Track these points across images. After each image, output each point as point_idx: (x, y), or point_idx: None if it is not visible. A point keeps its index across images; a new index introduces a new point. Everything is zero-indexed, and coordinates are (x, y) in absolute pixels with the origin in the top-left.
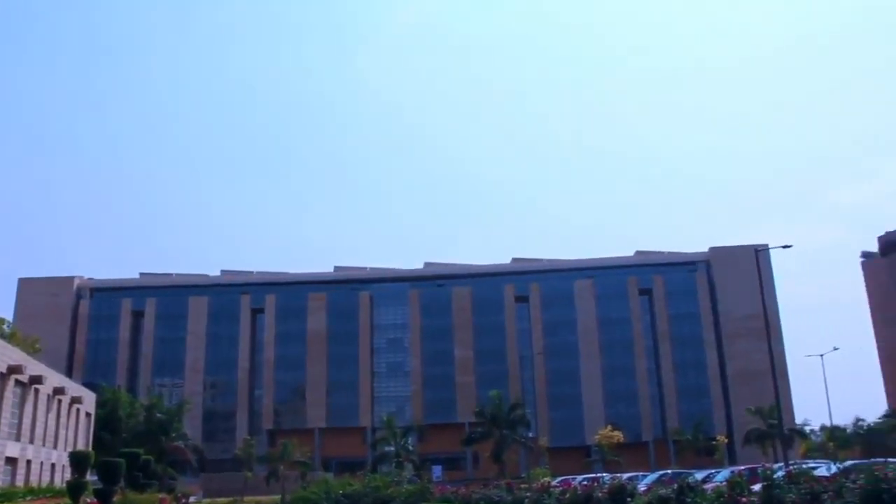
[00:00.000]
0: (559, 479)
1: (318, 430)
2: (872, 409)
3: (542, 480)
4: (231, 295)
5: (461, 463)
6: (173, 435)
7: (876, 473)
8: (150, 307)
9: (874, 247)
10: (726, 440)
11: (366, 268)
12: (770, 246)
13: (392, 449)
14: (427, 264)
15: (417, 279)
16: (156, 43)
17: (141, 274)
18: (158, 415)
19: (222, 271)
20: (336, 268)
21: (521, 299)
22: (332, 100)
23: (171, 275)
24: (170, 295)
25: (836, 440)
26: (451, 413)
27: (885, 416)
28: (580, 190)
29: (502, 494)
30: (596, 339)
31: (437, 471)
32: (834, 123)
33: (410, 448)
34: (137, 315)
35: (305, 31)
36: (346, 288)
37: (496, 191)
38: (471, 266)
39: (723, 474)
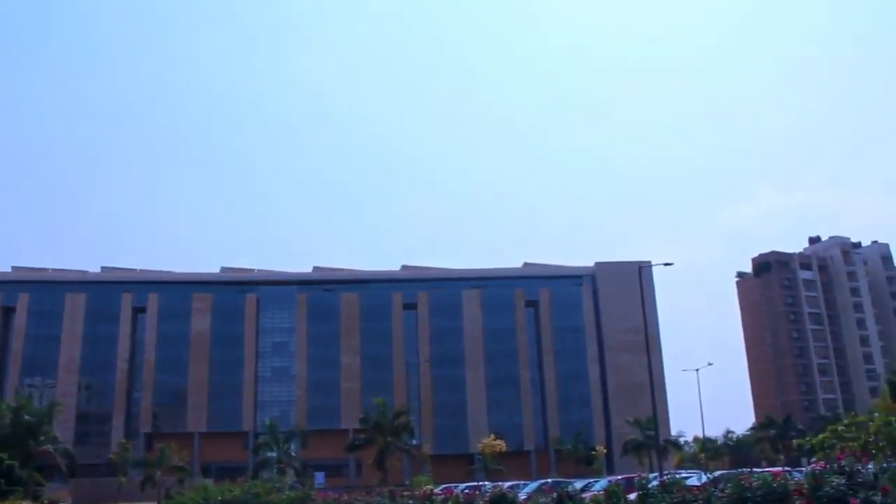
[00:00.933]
0: (442, 486)
1: (198, 435)
2: (742, 421)
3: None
4: (111, 293)
5: (344, 470)
6: (42, 438)
7: (742, 483)
8: (23, 303)
9: (748, 267)
10: (605, 450)
11: (254, 270)
12: (653, 263)
13: (274, 455)
14: (316, 268)
15: (306, 283)
16: (48, 21)
17: (13, 268)
18: (27, 417)
19: (103, 268)
20: (223, 268)
21: (410, 307)
22: (224, 95)
23: (46, 269)
24: (44, 291)
25: (708, 451)
26: (336, 419)
27: (752, 428)
28: (471, 200)
29: (384, 501)
30: (482, 349)
31: (319, 477)
32: (718, 147)
33: (293, 454)
34: (8, 311)
35: (197, 31)
36: (233, 289)
37: (387, 198)
38: (360, 272)
39: (601, 483)
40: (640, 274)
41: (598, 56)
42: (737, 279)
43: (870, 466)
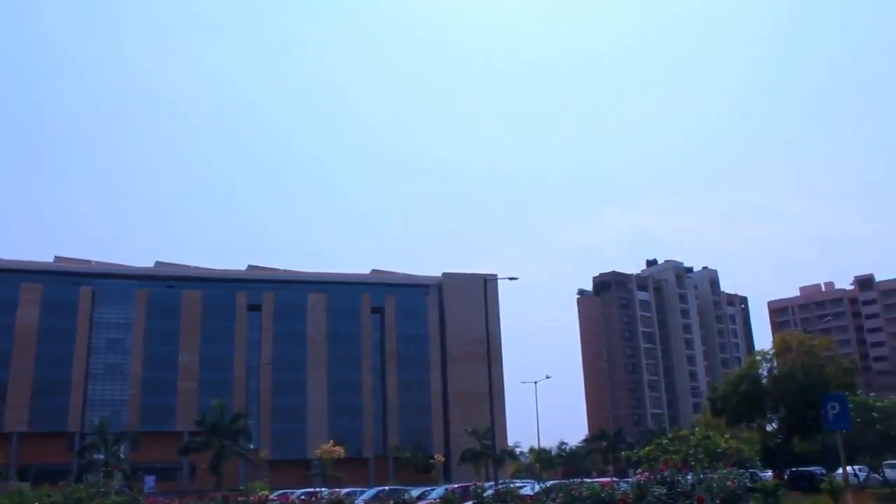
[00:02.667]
0: (278, 492)
1: (17, 435)
2: (577, 433)
3: (259, 493)
4: None
5: (177, 473)
6: None
7: (572, 492)
8: None
9: (590, 285)
10: (444, 459)
11: (90, 261)
12: (499, 276)
13: (102, 457)
14: (158, 264)
15: (146, 278)
16: None
17: None
18: None
19: None
20: (56, 258)
21: (254, 308)
22: (84, 79)
23: None
24: None
25: (542, 461)
26: (171, 420)
27: (585, 440)
28: (323, 204)
29: None
30: (325, 353)
31: (149, 481)
32: (571, 167)
33: (122, 456)
34: None
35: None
36: (66, 281)
37: (235, 195)
38: (205, 269)
39: (437, 492)
40: (485, 286)
41: (458, 68)
42: (578, 296)
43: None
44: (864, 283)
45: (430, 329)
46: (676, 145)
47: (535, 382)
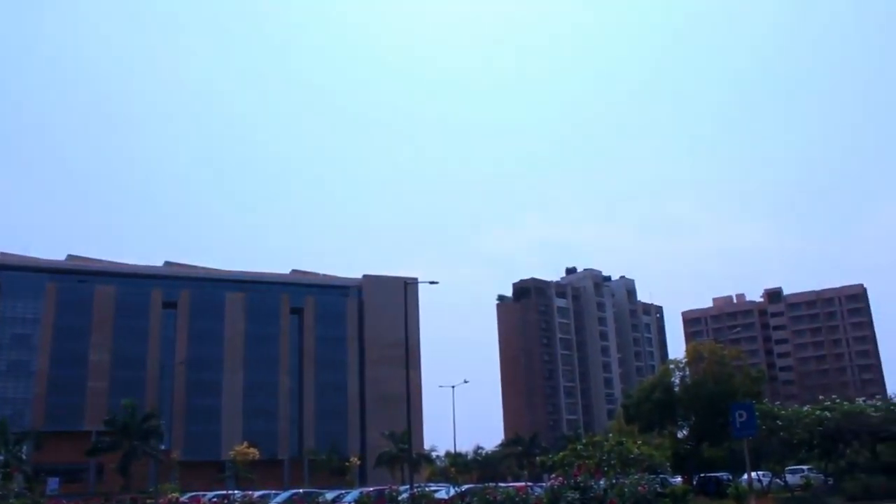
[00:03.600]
0: (189, 494)
1: None
2: (494, 438)
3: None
4: None
5: (83, 475)
6: None
7: (487, 496)
8: None
9: (509, 291)
10: (359, 462)
11: None
12: (419, 280)
13: (1, 458)
14: (70, 257)
15: (57, 272)
16: None
17: None
18: None
19: None
20: None
21: (170, 305)
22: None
23: None
24: None
25: (458, 466)
26: (79, 420)
27: (501, 445)
28: (243, 201)
29: None
30: (242, 354)
31: (52, 483)
32: (494, 174)
33: (24, 457)
34: None
35: None
36: None
37: (154, 188)
38: (118, 264)
39: (352, 495)
40: (405, 289)
41: (382, 69)
42: (497, 302)
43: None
44: (773, 295)
45: (349, 331)
46: (593, 157)
47: (453, 387)
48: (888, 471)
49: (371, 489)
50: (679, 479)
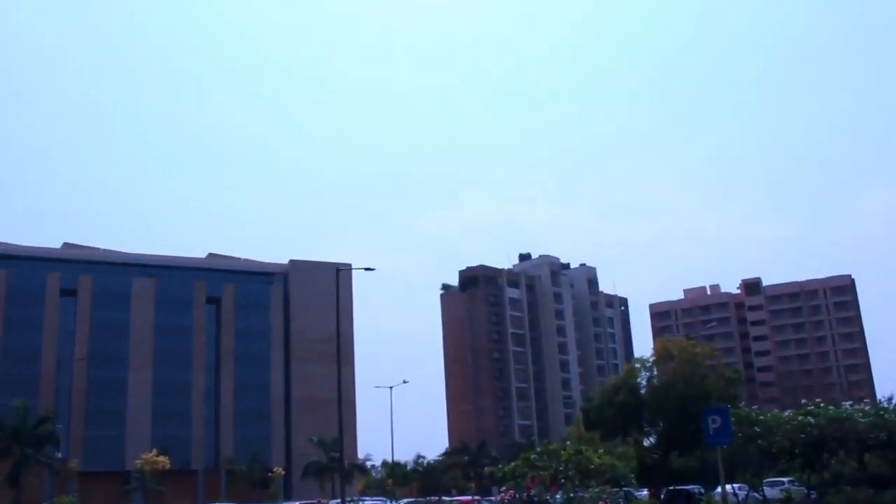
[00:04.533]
0: None
1: None
2: (438, 446)
3: None
4: None
5: None
6: None
7: None
8: None
9: (454, 280)
10: (284, 472)
11: None
12: (353, 266)
13: None
14: None
15: None
16: None
17: None
18: None
19: None
20: None
21: (68, 293)
22: None
23: None
24: None
25: (396, 477)
26: None
27: (444, 454)
28: (153, 177)
29: None
30: (150, 348)
31: None
32: (433, 150)
33: None
34: None
35: None
36: None
37: (51, 162)
38: (10, 245)
39: None
40: (337, 277)
41: (317, 37)
42: (441, 292)
43: (558, 496)
44: (751, 286)
45: (274, 324)
46: (549, 129)
47: (391, 388)
48: (876, 483)
49: (297, 503)
50: (645, 492)
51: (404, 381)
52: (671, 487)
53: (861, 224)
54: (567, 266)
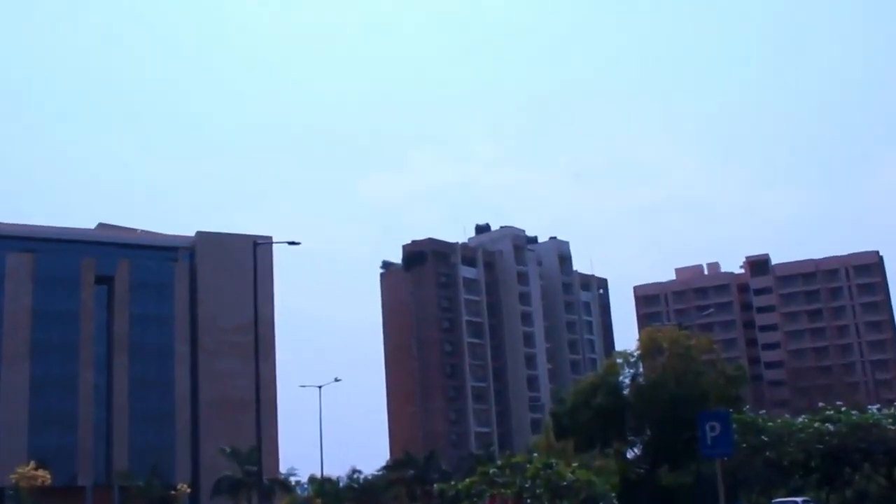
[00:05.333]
0: None
1: None
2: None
3: None
4: None
5: None
6: None
7: None
8: None
9: (398, 256)
10: (189, 489)
11: None
12: (275, 240)
13: None
14: None
15: None
16: None
17: None
18: None
19: None
20: None
21: None
22: None
23: None
24: None
25: (327, 495)
26: None
27: (385, 467)
28: (32, 134)
29: None
30: (27, 338)
31: None
32: (370, 104)
33: None
34: None
35: None
36: None
37: None
38: None
39: None
40: (254, 252)
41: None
42: (382, 271)
43: None
44: (758, 265)
45: (178, 309)
46: (514, 75)
47: (320, 387)
48: None
49: None
50: None
51: (336, 380)
52: None
53: (889, 191)
54: (534, 240)
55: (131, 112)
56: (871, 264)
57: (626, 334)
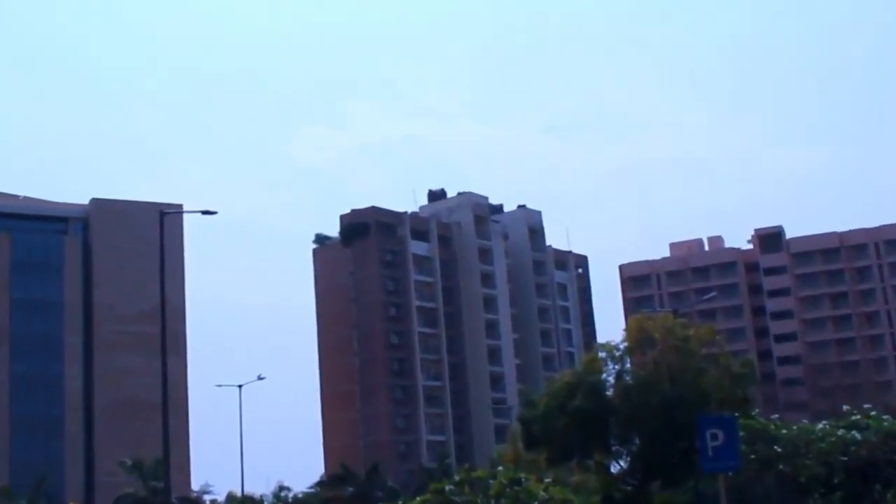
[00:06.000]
0: None
1: None
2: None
3: None
4: None
5: None
6: None
7: None
8: None
9: (334, 230)
10: None
11: None
12: (186, 209)
13: None
14: None
15: None
16: None
17: None
18: None
19: None
20: None
21: None
22: None
23: None
24: None
25: None
26: None
27: (319, 483)
28: None
29: None
30: None
31: None
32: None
33: None
34: None
35: None
36: None
37: None
38: None
39: None
40: (161, 223)
41: None
42: (315, 246)
43: None
44: (769, 239)
45: (68, 292)
46: (473, 9)
47: (240, 386)
48: None
49: None
50: None
51: (260, 378)
52: None
53: None
54: (499, 209)
55: (11, 56)
56: None
57: (611, 323)
